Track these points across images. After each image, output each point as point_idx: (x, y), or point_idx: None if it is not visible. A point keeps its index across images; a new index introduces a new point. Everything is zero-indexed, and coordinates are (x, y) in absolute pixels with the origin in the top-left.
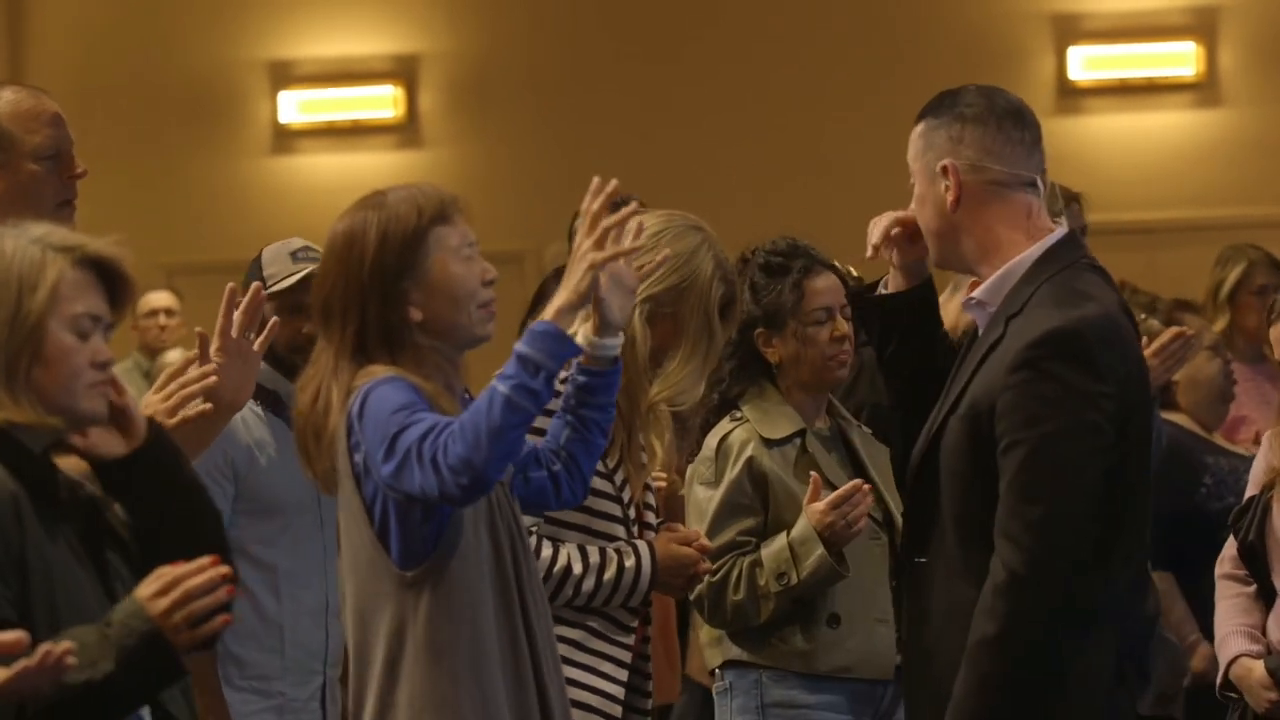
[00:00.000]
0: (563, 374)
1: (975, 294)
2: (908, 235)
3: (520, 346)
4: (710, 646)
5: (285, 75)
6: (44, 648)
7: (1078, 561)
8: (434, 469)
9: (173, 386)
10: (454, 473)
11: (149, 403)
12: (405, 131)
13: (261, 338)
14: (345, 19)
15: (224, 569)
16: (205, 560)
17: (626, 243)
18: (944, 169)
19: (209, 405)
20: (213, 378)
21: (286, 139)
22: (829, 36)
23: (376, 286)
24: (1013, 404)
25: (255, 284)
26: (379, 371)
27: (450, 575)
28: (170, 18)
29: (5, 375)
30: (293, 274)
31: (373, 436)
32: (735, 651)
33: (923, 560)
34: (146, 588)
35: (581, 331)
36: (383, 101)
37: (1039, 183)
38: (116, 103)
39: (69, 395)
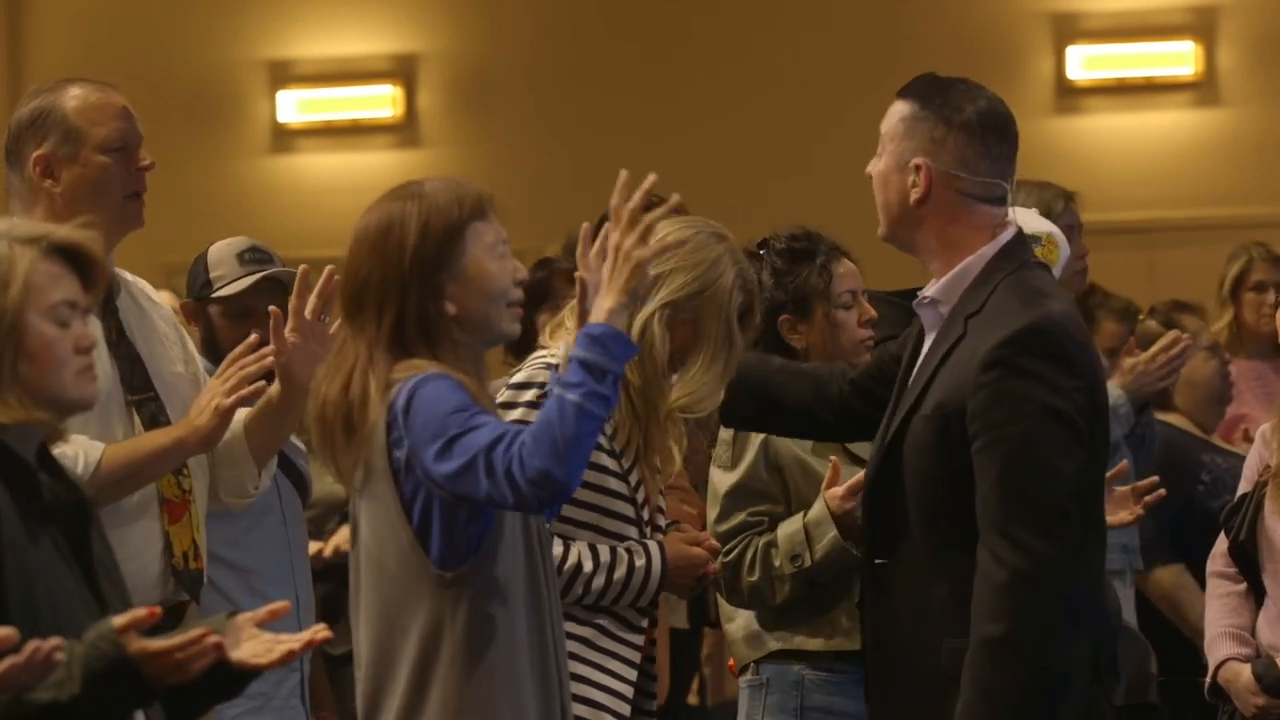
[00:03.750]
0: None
1: (928, 292)
2: None
3: (580, 353)
4: (745, 643)
5: (284, 75)
6: (32, 644)
7: (1072, 554)
8: (508, 481)
9: (232, 370)
10: (534, 485)
11: (210, 389)
12: (404, 131)
13: (336, 324)
14: (344, 19)
15: (213, 639)
16: (197, 633)
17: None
18: (917, 167)
19: (262, 384)
20: (269, 359)
21: (285, 138)
22: (829, 36)
23: (416, 276)
24: (988, 402)
25: (329, 268)
26: (424, 366)
27: (490, 576)
28: (170, 17)
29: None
30: (240, 278)
31: (422, 434)
32: (774, 643)
33: (883, 562)
34: (122, 619)
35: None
36: (381, 101)
37: (1008, 195)
38: None
39: (58, 385)
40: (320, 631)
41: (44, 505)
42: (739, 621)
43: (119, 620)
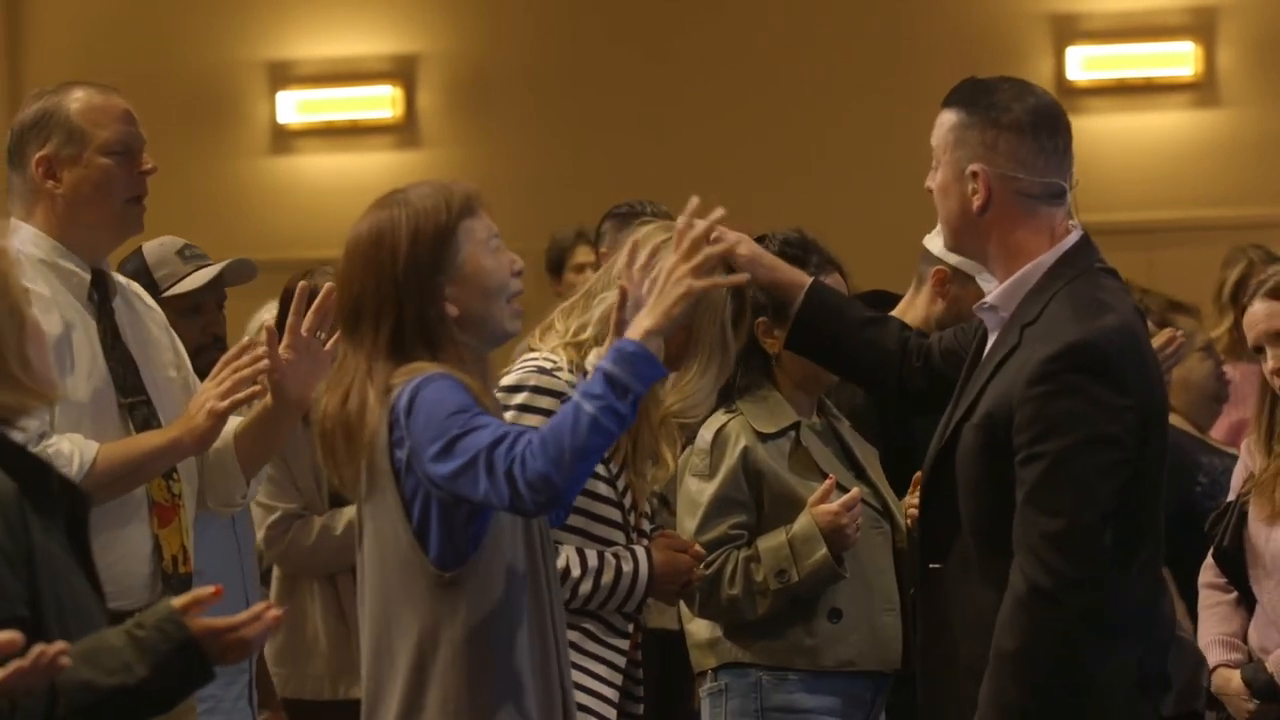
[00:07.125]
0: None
1: (988, 299)
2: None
3: (608, 366)
4: (703, 649)
5: (284, 75)
6: (37, 648)
7: (1098, 574)
8: (508, 481)
9: (226, 372)
10: (532, 488)
11: (205, 391)
12: (404, 132)
13: (332, 340)
14: (344, 19)
15: (274, 613)
16: (260, 608)
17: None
18: (974, 173)
19: (259, 387)
20: (264, 361)
21: (285, 139)
22: (829, 36)
23: (412, 283)
24: (1032, 416)
25: (328, 285)
26: (426, 368)
27: (488, 576)
28: (170, 18)
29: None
30: (188, 274)
31: (424, 434)
32: (734, 653)
33: (937, 566)
34: (183, 600)
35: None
36: (381, 102)
37: (1067, 191)
38: None
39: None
40: (273, 610)
41: (53, 499)
42: (701, 624)
43: (179, 601)
